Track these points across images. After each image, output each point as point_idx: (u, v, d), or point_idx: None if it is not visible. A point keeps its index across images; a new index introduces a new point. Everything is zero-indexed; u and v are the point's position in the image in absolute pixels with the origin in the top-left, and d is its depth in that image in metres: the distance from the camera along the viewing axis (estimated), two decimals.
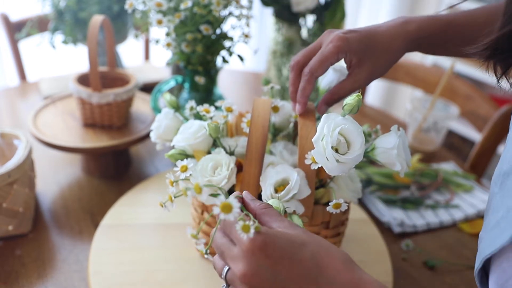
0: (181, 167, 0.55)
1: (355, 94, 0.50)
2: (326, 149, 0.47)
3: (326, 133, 0.48)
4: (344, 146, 0.49)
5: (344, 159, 0.48)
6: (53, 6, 1.12)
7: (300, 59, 0.59)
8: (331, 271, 0.40)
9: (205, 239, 0.64)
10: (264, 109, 0.55)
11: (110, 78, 0.99)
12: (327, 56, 0.56)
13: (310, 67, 0.56)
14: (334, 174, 0.49)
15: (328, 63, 0.56)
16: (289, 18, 1.04)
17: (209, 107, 0.62)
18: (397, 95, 2.47)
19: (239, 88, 1.39)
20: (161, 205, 0.56)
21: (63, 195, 0.87)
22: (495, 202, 0.42)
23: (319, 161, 0.49)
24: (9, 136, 0.78)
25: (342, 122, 0.49)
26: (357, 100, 0.49)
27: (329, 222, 0.62)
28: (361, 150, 0.48)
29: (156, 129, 0.66)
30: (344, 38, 0.56)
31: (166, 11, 0.77)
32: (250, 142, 0.54)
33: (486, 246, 0.41)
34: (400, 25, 0.59)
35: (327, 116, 0.49)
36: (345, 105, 0.50)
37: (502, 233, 0.38)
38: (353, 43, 0.56)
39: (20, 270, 0.69)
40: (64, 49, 1.21)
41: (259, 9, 2.05)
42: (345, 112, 0.50)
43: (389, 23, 0.60)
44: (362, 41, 0.57)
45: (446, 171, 1.01)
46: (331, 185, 0.60)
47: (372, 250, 0.74)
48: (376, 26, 0.60)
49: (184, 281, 0.64)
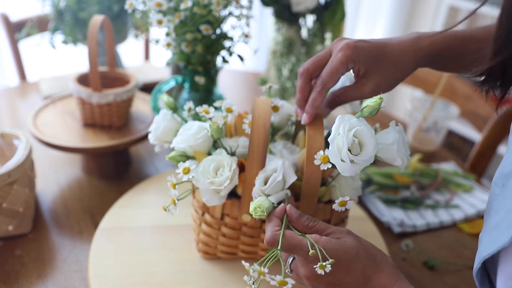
0: (183, 169, 0.55)
1: (377, 96, 0.49)
2: (343, 150, 0.48)
3: (342, 133, 0.48)
4: (357, 147, 0.49)
5: (358, 160, 0.49)
6: (53, 6, 1.12)
7: (309, 67, 0.57)
8: (377, 285, 0.48)
9: (205, 240, 0.64)
10: (264, 109, 0.55)
11: (110, 78, 0.99)
12: (337, 66, 0.55)
13: (322, 79, 0.55)
14: (347, 174, 0.50)
15: (339, 74, 0.55)
16: (289, 18, 1.04)
17: (209, 108, 0.62)
18: (397, 95, 2.48)
19: (239, 88, 1.39)
20: (164, 209, 0.56)
21: (63, 195, 0.87)
22: (496, 203, 0.42)
23: (334, 161, 0.49)
24: (9, 136, 0.78)
25: (357, 123, 0.49)
26: (378, 103, 0.49)
27: (331, 220, 0.62)
28: (374, 152, 0.49)
29: (154, 130, 0.65)
30: (353, 47, 0.55)
31: (166, 11, 0.77)
32: (251, 142, 0.54)
33: (485, 246, 0.41)
34: (412, 40, 0.58)
35: (342, 117, 0.50)
36: (365, 107, 0.50)
37: (502, 234, 0.38)
38: (362, 52, 0.55)
39: (20, 270, 0.69)
40: (64, 49, 1.21)
41: (259, 9, 2.05)
42: (363, 114, 0.50)
43: (402, 38, 0.59)
44: (372, 52, 0.56)
45: (446, 171, 1.01)
46: (334, 184, 0.60)
47: None
48: (388, 39, 0.59)
49: (184, 282, 0.64)
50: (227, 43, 0.82)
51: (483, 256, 0.41)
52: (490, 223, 0.43)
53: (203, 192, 0.57)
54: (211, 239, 0.64)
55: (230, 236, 0.63)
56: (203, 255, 0.68)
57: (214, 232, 0.63)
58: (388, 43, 0.58)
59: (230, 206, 0.60)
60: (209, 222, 0.63)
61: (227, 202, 0.59)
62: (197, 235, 0.66)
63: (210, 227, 0.63)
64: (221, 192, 0.57)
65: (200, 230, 0.64)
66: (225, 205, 0.60)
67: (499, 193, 0.42)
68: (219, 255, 0.67)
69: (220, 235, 0.63)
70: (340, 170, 0.49)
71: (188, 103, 0.66)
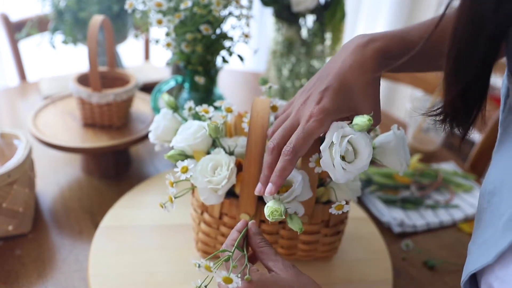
0: (181, 168, 0.55)
1: (366, 117, 0.47)
2: (335, 159, 0.47)
3: (335, 142, 0.47)
4: (351, 154, 0.48)
5: (351, 169, 0.48)
6: (53, 6, 1.12)
7: (280, 142, 0.51)
8: None
9: (204, 239, 0.64)
10: (263, 109, 0.55)
11: (110, 78, 0.99)
12: (310, 133, 0.49)
13: (293, 145, 0.49)
14: (340, 181, 0.49)
15: (311, 140, 0.50)
16: (289, 18, 1.04)
17: (208, 107, 0.62)
18: (397, 95, 2.47)
19: (239, 88, 1.39)
20: (161, 206, 0.56)
21: (63, 195, 0.87)
22: (485, 217, 0.43)
23: (326, 168, 0.48)
24: (9, 136, 0.78)
25: (351, 131, 0.48)
26: (367, 124, 0.47)
27: (329, 220, 0.62)
28: (368, 160, 0.48)
29: (154, 130, 0.66)
30: (322, 109, 0.49)
31: (166, 11, 0.77)
32: (249, 141, 0.54)
33: (473, 260, 0.42)
34: (362, 46, 0.52)
35: (336, 125, 0.48)
36: (355, 125, 0.48)
37: (488, 251, 0.40)
38: (332, 106, 0.50)
39: (20, 270, 0.69)
40: (64, 49, 1.21)
41: (259, 9, 2.05)
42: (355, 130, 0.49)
43: (353, 48, 0.52)
44: (339, 96, 0.51)
45: (446, 171, 1.01)
46: (332, 185, 0.60)
47: (372, 249, 0.74)
48: (343, 62, 0.52)
49: (184, 282, 0.64)
50: (227, 43, 0.82)
51: (470, 271, 0.42)
52: (479, 236, 0.43)
53: (201, 191, 0.57)
54: (210, 238, 0.64)
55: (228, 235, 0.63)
56: (202, 254, 0.68)
57: (213, 231, 0.63)
58: (345, 67, 0.51)
59: (229, 206, 0.60)
60: (208, 221, 0.63)
61: (225, 201, 0.59)
62: (196, 234, 0.66)
63: (209, 226, 0.63)
64: (218, 191, 0.57)
65: (199, 229, 0.65)
66: (223, 205, 0.60)
67: (487, 207, 0.43)
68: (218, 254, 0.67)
69: (218, 234, 0.63)
70: (333, 178, 0.49)
71: (188, 102, 0.66)
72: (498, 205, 0.41)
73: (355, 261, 0.71)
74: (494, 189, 0.42)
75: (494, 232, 0.40)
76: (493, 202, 0.41)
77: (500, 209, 0.40)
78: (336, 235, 0.65)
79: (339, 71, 0.51)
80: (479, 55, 0.38)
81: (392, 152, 0.54)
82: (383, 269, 0.71)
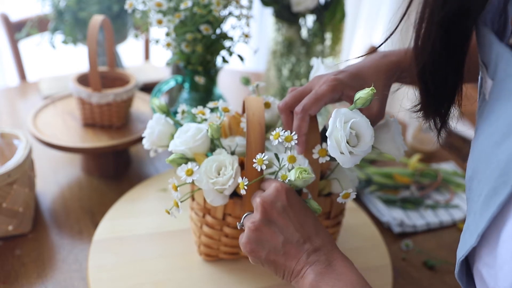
0: (186, 171, 0.56)
1: (368, 88, 0.50)
2: (341, 143, 0.49)
3: (339, 127, 0.49)
4: (354, 139, 0.50)
5: (357, 151, 0.50)
6: (53, 6, 1.12)
7: (288, 101, 0.56)
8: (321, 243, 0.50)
9: (207, 242, 0.64)
10: (257, 107, 0.55)
11: (110, 78, 0.99)
12: (322, 94, 0.54)
13: (303, 105, 0.54)
14: (347, 166, 0.50)
15: (322, 102, 0.54)
16: (289, 18, 1.04)
17: (204, 109, 0.63)
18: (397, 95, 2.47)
19: (239, 88, 1.39)
20: (167, 212, 0.56)
21: (63, 195, 0.87)
22: (468, 204, 0.44)
23: (334, 154, 0.50)
24: (9, 136, 0.78)
25: (351, 115, 0.50)
26: (370, 94, 0.49)
27: (331, 212, 0.63)
28: (371, 142, 0.51)
29: (149, 135, 0.64)
30: (336, 78, 0.55)
31: (166, 11, 0.77)
32: (249, 141, 0.54)
33: (460, 248, 0.43)
34: (381, 57, 0.59)
35: (337, 111, 0.50)
36: (358, 99, 0.50)
37: (471, 236, 0.40)
38: (346, 80, 0.55)
39: (20, 270, 0.69)
40: (64, 49, 1.21)
41: (259, 9, 2.05)
42: (357, 106, 0.51)
43: (372, 56, 0.60)
44: (354, 78, 0.56)
45: (446, 171, 1.01)
46: (334, 176, 0.61)
47: (372, 249, 0.74)
48: (361, 62, 0.59)
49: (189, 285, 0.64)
50: (227, 43, 0.82)
51: (458, 258, 0.43)
52: (464, 226, 0.44)
53: (207, 193, 0.57)
54: (213, 240, 0.64)
55: (232, 235, 0.63)
56: (205, 258, 0.67)
57: (216, 233, 0.63)
58: (363, 65, 0.58)
59: (232, 206, 0.60)
60: (210, 224, 0.62)
61: (229, 201, 0.59)
62: (198, 238, 0.66)
63: (212, 228, 0.63)
64: (225, 192, 0.57)
65: (202, 233, 0.64)
66: (227, 205, 0.60)
67: (469, 195, 0.44)
68: (222, 256, 0.67)
69: (222, 236, 0.63)
70: (341, 163, 0.50)
71: (181, 106, 0.66)
72: (476, 188, 0.41)
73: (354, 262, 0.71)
74: (472, 174, 0.43)
75: (474, 214, 0.41)
76: (473, 187, 0.42)
77: (478, 191, 0.41)
78: (336, 226, 0.67)
79: (356, 65, 0.58)
80: (438, 33, 0.41)
81: (389, 139, 0.57)
82: (383, 269, 0.71)
